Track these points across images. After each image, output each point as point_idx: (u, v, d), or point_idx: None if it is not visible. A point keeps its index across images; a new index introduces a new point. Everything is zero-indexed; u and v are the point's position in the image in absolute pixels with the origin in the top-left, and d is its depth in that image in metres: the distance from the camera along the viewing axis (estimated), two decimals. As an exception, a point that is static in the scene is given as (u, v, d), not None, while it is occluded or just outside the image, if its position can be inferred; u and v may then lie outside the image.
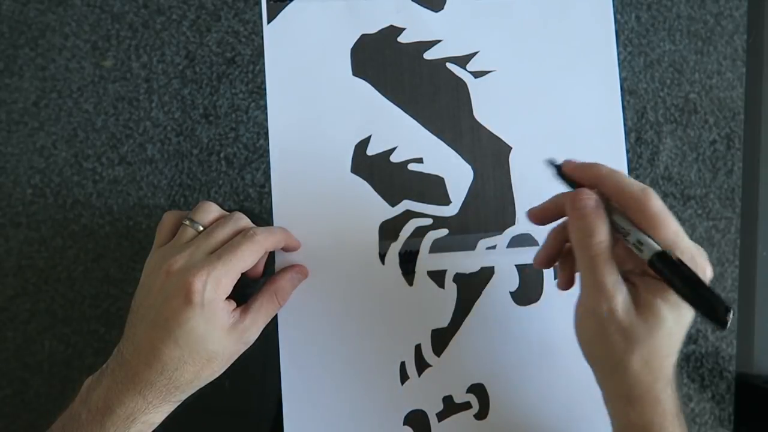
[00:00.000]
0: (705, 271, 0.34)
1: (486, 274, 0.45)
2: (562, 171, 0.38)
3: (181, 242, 0.39)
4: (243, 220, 0.40)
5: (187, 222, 0.39)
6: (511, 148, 0.46)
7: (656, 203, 0.34)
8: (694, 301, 0.32)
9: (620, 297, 0.34)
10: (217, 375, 0.39)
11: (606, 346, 0.35)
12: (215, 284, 0.36)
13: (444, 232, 0.45)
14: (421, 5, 0.47)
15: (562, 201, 0.37)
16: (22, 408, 0.44)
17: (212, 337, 0.37)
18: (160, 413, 0.37)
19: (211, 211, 0.40)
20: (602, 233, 0.35)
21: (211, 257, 0.37)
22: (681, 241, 0.34)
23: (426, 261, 0.45)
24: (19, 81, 0.46)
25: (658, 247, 0.33)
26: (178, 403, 0.38)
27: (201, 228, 0.39)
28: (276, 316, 0.44)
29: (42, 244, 0.45)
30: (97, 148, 0.46)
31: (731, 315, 0.31)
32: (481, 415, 0.44)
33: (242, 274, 0.39)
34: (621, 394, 0.35)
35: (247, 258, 0.38)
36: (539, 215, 0.40)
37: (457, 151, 0.46)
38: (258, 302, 0.40)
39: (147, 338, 0.36)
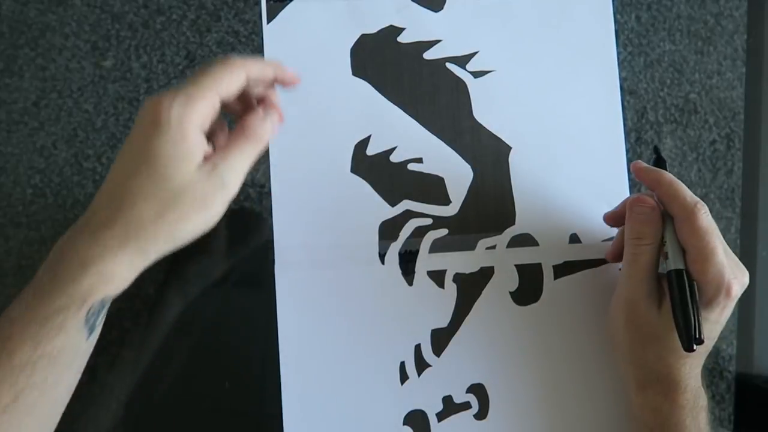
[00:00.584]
0: (729, 291, 0.36)
1: (486, 274, 0.45)
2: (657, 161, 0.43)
3: None
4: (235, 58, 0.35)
5: None
6: (511, 148, 0.46)
7: (703, 219, 0.36)
8: (676, 322, 0.36)
9: (648, 292, 0.38)
10: (192, 225, 0.33)
11: (628, 335, 0.39)
12: (184, 101, 0.32)
13: (444, 232, 0.45)
14: (421, 5, 0.47)
15: None
16: (22, 408, 0.44)
17: (179, 166, 0.32)
18: (120, 266, 0.32)
19: None
20: (649, 237, 0.38)
21: (184, 82, 0.33)
22: (713, 261, 0.36)
23: (426, 261, 0.45)
24: (19, 81, 0.46)
25: (677, 265, 0.37)
26: (147, 260, 0.33)
27: None
28: (276, 316, 0.44)
29: (42, 244, 0.45)
30: (97, 148, 0.46)
31: (695, 347, 0.35)
32: (481, 415, 0.44)
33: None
34: (636, 379, 0.40)
35: (221, 78, 0.33)
36: (613, 218, 0.43)
37: (457, 151, 0.46)
38: (230, 138, 0.35)
39: (112, 176, 0.33)
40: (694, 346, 0.35)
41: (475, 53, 0.47)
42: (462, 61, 0.47)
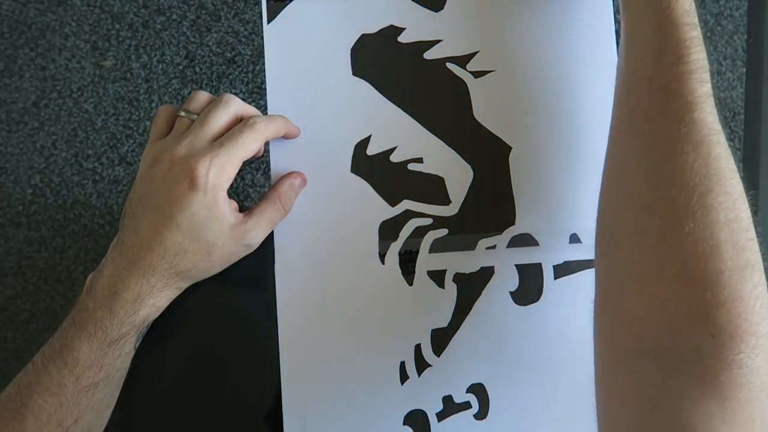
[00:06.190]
0: None
1: (486, 274, 0.45)
2: None
3: (179, 133, 0.39)
4: (233, 102, 0.40)
5: (183, 113, 0.40)
6: (511, 148, 0.46)
7: None
8: None
9: None
10: (214, 271, 0.40)
11: None
12: (219, 170, 0.37)
13: (444, 231, 0.45)
14: (421, 5, 0.47)
15: None
16: (22, 408, 0.44)
17: (213, 227, 0.37)
18: (164, 298, 0.39)
19: (203, 98, 0.41)
20: None
21: (213, 145, 0.38)
22: None
23: (426, 261, 0.45)
24: (19, 81, 0.46)
25: None
26: (180, 291, 0.40)
27: (195, 117, 0.40)
28: (276, 316, 0.44)
29: (42, 244, 0.45)
30: (97, 148, 0.46)
31: None
32: (481, 415, 0.44)
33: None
34: None
35: (248, 146, 0.38)
36: None
37: (457, 151, 0.46)
38: (261, 207, 0.41)
39: (149, 225, 0.37)
40: None
41: (475, 53, 0.47)
42: (462, 61, 0.47)
